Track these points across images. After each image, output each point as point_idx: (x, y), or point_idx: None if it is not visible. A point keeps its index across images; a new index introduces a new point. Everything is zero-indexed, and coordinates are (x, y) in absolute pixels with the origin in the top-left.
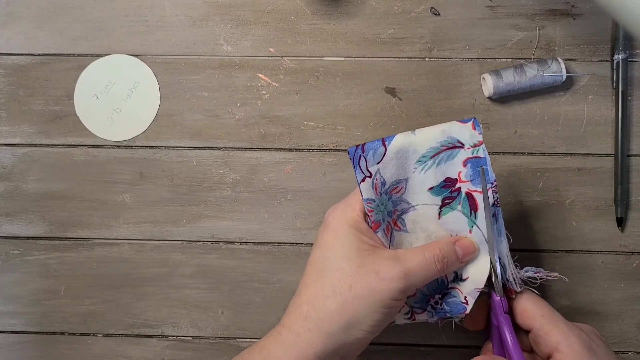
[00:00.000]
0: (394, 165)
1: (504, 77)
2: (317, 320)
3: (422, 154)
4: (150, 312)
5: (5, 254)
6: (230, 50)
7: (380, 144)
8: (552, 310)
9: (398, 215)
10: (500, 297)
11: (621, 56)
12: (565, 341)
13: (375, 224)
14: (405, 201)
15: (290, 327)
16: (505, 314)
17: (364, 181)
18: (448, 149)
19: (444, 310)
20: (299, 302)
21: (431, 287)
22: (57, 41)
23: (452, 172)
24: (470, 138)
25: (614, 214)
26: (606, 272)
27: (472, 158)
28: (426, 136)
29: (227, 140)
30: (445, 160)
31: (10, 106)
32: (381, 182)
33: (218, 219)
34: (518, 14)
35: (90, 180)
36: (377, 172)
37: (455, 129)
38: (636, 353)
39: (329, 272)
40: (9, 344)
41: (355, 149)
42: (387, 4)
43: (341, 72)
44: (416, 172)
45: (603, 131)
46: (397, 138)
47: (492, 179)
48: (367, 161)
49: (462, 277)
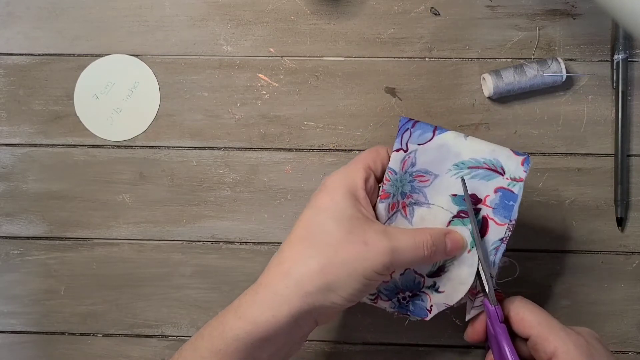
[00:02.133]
0: (432, 156)
1: (504, 77)
2: (297, 278)
3: (463, 161)
4: (150, 312)
5: (5, 254)
6: (230, 50)
7: (431, 129)
8: (548, 316)
9: (410, 203)
10: (494, 306)
11: (621, 56)
12: (562, 347)
13: (385, 194)
14: (424, 194)
15: (268, 284)
16: (501, 324)
17: (397, 152)
18: (488, 169)
19: (407, 308)
20: (280, 259)
21: (405, 283)
22: (57, 41)
23: (480, 192)
24: (514, 171)
25: (614, 214)
26: (606, 272)
27: (505, 189)
28: (475, 146)
29: (227, 140)
30: (480, 178)
31: (10, 106)
32: (411, 162)
33: (218, 219)
34: (518, 14)
35: (90, 180)
36: (413, 152)
37: (504, 155)
38: (636, 353)
39: (317, 234)
40: (9, 344)
41: (407, 121)
42: (387, 4)
43: (341, 72)
44: (449, 174)
45: (603, 131)
46: (449, 134)
47: (514, 217)
48: (411, 137)
49: (438, 289)
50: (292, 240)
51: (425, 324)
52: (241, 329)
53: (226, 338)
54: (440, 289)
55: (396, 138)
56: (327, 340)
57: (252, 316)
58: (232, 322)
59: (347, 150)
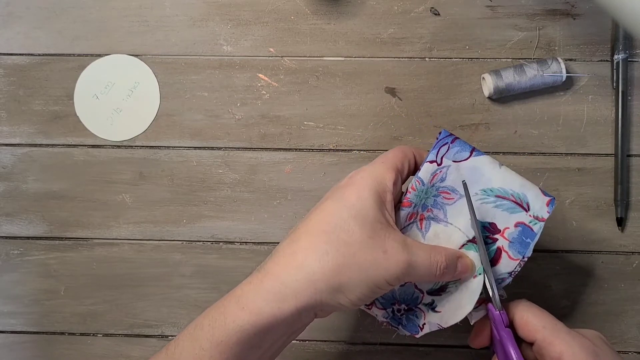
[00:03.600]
0: (463, 177)
1: (504, 77)
2: (309, 272)
3: (492, 188)
4: (150, 312)
5: (5, 254)
6: (230, 50)
7: (469, 149)
8: (553, 319)
9: (428, 217)
10: (499, 310)
11: (621, 56)
12: (568, 350)
13: (408, 202)
14: (444, 212)
15: (278, 274)
16: (506, 328)
17: (430, 163)
18: (514, 202)
19: (400, 321)
20: (294, 249)
21: (404, 295)
22: (57, 41)
23: (501, 223)
24: (538, 210)
25: (614, 214)
26: (606, 272)
27: (525, 225)
28: (506, 177)
29: (227, 140)
30: (504, 209)
31: (10, 106)
32: (441, 177)
33: (218, 219)
34: (518, 14)
35: (90, 180)
36: (446, 167)
37: (533, 192)
38: (636, 353)
39: (338, 230)
40: (9, 344)
41: (448, 135)
42: (387, 4)
43: (341, 72)
44: (474, 197)
45: (603, 131)
46: (485, 158)
47: (528, 255)
48: (448, 152)
49: (435, 308)
50: (310, 230)
51: None
52: (244, 320)
53: (228, 329)
54: (437, 309)
55: (432, 149)
56: (327, 340)
57: (256, 307)
58: (234, 312)
59: (347, 150)
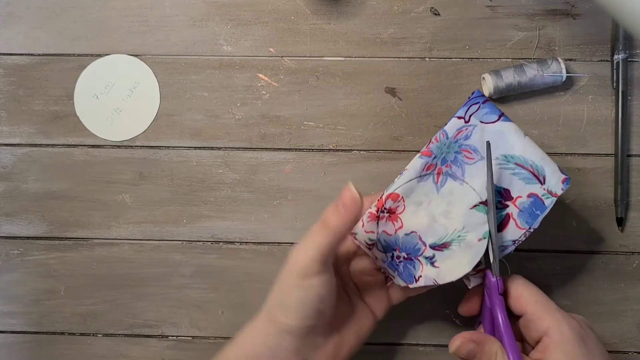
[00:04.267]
0: (487, 138)
1: (504, 77)
2: (267, 306)
3: (513, 155)
4: (150, 312)
5: (5, 254)
6: (230, 50)
7: (498, 113)
8: (546, 297)
9: (446, 172)
10: (496, 277)
11: (621, 56)
12: (556, 327)
13: (428, 152)
14: (462, 170)
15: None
16: (499, 295)
17: (458, 119)
18: (532, 172)
19: (397, 267)
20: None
21: (406, 244)
22: (57, 41)
23: (515, 191)
24: (554, 185)
25: (614, 214)
26: (606, 272)
27: (538, 198)
28: (528, 147)
29: (227, 140)
30: (520, 177)
31: (10, 106)
32: (466, 135)
33: (218, 219)
34: (518, 14)
35: (90, 180)
36: (472, 126)
37: (551, 167)
38: (636, 353)
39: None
40: (9, 344)
41: (480, 95)
42: (387, 4)
43: (341, 72)
44: (495, 161)
45: (603, 131)
46: (511, 125)
47: (535, 226)
48: (477, 112)
49: (434, 263)
50: None
51: (426, 324)
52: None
53: None
54: (436, 264)
55: (462, 106)
56: None
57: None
58: None
59: (347, 150)
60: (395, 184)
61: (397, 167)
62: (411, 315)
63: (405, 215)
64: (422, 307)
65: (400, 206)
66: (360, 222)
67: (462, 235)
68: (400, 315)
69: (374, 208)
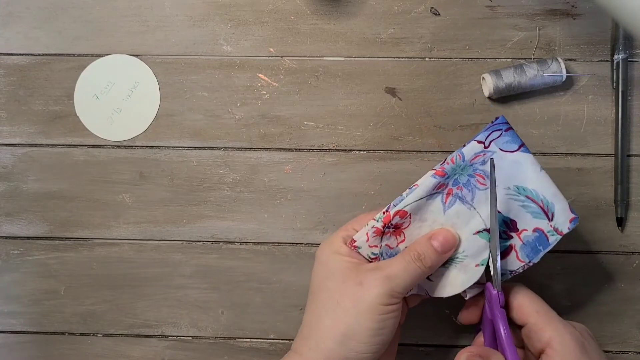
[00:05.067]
0: (503, 167)
1: (504, 77)
2: (315, 338)
3: (525, 187)
4: (150, 312)
5: (5, 254)
6: (230, 50)
7: (519, 143)
8: (547, 307)
9: (456, 194)
10: (497, 290)
11: (621, 56)
12: (558, 338)
13: (442, 172)
14: (472, 195)
15: (297, 349)
16: (501, 308)
17: (478, 143)
18: (541, 208)
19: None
20: (301, 328)
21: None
22: (57, 41)
23: (521, 223)
24: (561, 223)
25: (614, 214)
26: (606, 272)
27: (543, 234)
28: (542, 182)
29: (227, 140)
30: (529, 211)
31: (10, 106)
32: (483, 160)
33: (218, 219)
34: (518, 14)
35: (90, 180)
36: (491, 153)
37: (561, 205)
38: (636, 353)
39: (318, 294)
40: (9, 344)
41: (505, 122)
42: (387, 4)
43: (341, 72)
44: (506, 191)
45: (603, 131)
46: (529, 157)
47: (535, 262)
48: (498, 139)
49: (429, 277)
50: (306, 309)
51: (426, 324)
52: None
53: None
54: (431, 278)
55: (483, 130)
56: None
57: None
58: None
59: (347, 150)
60: (405, 200)
61: (397, 167)
62: (411, 315)
63: (409, 230)
64: (422, 307)
65: (406, 222)
66: (365, 237)
67: (460, 258)
68: None
69: (381, 223)
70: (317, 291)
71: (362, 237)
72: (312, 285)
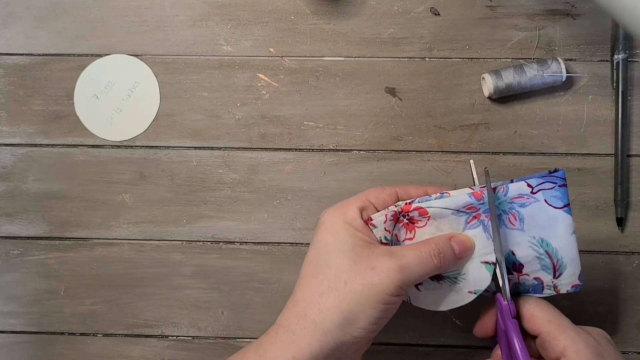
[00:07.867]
0: (538, 217)
1: (504, 77)
2: (313, 317)
3: (548, 243)
4: (150, 312)
5: (5, 254)
6: (230, 50)
7: (565, 202)
8: (560, 315)
9: (482, 221)
10: (507, 301)
11: (621, 56)
12: (572, 346)
13: (479, 195)
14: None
15: (287, 326)
16: (512, 319)
17: (527, 186)
18: (554, 265)
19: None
20: (294, 301)
21: None
22: (57, 41)
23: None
24: (563, 284)
25: (614, 214)
26: (606, 272)
27: (542, 285)
28: (568, 245)
29: (227, 140)
30: (541, 264)
31: (10, 106)
32: (522, 204)
33: (218, 219)
34: (518, 14)
35: (90, 180)
36: (534, 200)
37: (572, 269)
38: (636, 353)
39: (324, 269)
40: (9, 344)
41: (562, 179)
42: (387, 4)
43: (341, 72)
44: (530, 239)
45: (603, 131)
46: (568, 217)
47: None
48: (548, 191)
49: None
50: (302, 281)
51: (426, 324)
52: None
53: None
54: (420, 287)
55: (538, 175)
56: None
57: (273, 356)
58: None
59: (347, 150)
60: (431, 202)
61: (397, 167)
62: (411, 315)
63: (421, 230)
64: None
65: (423, 222)
66: (384, 217)
67: (458, 279)
68: (400, 315)
69: (399, 208)
70: (323, 265)
71: (381, 217)
72: (315, 255)
